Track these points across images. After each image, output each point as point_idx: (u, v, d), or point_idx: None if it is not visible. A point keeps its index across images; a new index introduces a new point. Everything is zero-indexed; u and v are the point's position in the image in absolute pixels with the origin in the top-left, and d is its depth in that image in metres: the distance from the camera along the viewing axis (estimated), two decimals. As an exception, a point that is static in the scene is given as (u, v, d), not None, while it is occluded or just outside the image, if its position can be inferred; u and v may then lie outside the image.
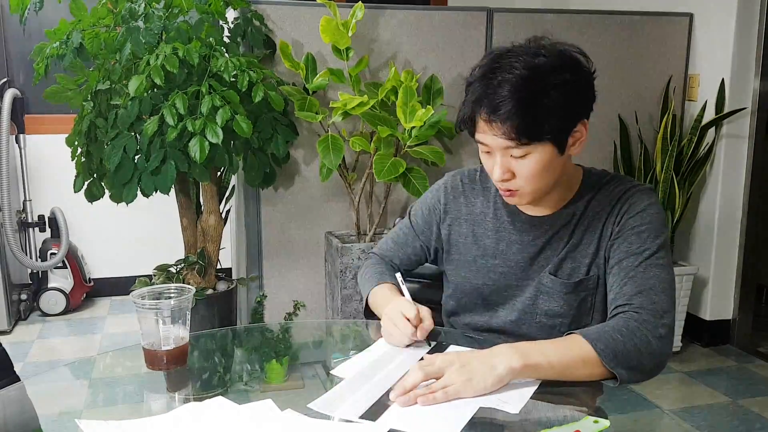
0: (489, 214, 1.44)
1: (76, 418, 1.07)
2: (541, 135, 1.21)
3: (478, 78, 1.24)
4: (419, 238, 1.54)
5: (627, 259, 1.28)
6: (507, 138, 1.20)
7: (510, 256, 1.41)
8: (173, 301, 1.25)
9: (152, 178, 2.54)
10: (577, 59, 1.25)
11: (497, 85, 1.19)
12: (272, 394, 1.15)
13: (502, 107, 1.18)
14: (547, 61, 1.21)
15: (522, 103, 1.18)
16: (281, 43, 2.78)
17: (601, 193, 1.36)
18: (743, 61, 3.21)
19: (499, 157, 1.25)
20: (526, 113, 1.18)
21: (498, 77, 1.20)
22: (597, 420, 1.04)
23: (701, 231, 3.44)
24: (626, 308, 1.23)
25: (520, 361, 1.11)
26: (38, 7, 2.54)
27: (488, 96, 1.20)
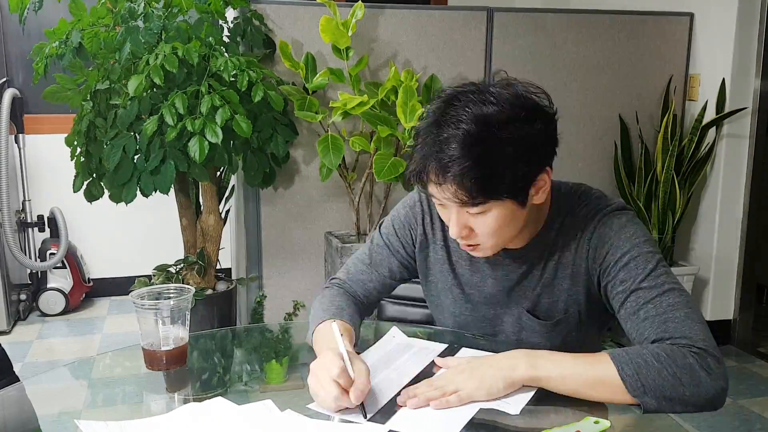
0: None
1: (76, 418, 1.07)
2: (496, 193, 1.11)
3: (425, 129, 1.14)
4: (395, 257, 1.41)
5: (628, 301, 1.16)
6: (458, 199, 1.11)
7: (485, 289, 1.33)
8: (173, 302, 1.24)
9: (152, 177, 2.54)
10: (534, 104, 1.14)
11: (443, 142, 1.09)
12: (272, 395, 1.15)
13: (450, 168, 1.08)
14: (498, 110, 1.10)
15: (472, 163, 1.07)
16: (281, 42, 2.78)
17: (569, 219, 1.25)
18: (743, 61, 3.20)
19: (455, 214, 1.15)
20: (477, 173, 1.08)
21: (444, 132, 1.10)
22: (598, 420, 1.04)
23: (701, 231, 3.44)
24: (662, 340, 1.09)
25: (528, 370, 1.07)
26: (37, 7, 2.53)
27: (435, 154, 1.10)
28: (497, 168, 1.09)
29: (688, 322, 1.09)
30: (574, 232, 1.24)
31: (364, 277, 1.42)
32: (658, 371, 1.04)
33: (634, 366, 1.05)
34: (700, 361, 1.05)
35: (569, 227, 1.25)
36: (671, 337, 1.08)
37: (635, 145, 3.40)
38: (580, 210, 1.25)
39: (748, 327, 3.48)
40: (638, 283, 1.15)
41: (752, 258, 3.40)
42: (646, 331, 1.12)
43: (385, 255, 1.41)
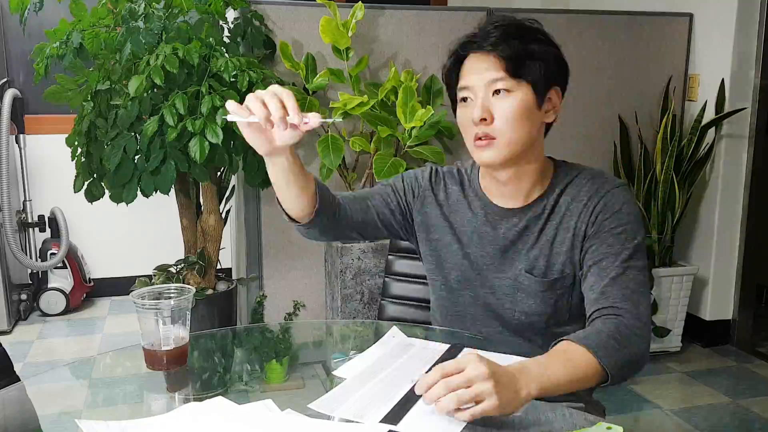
0: (464, 204, 1.43)
1: (76, 418, 1.07)
2: (525, 71, 1.27)
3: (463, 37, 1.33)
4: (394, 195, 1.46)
5: (605, 260, 1.28)
6: (494, 67, 1.26)
7: (483, 246, 1.40)
8: (173, 302, 1.25)
9: (152, 178, 2.54)
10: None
11: (487, 32, 1.28)
12: (272, 394, 1.15)
13: (492, 36, 1.27)
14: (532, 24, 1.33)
15: (512, 37, 1.27)
16: (281, 43, 2.78)
17: (572, 187, 1.36)
18: (743, 61, 3.21)
19: (480, 99, 1.28)
20: (515, 45, 1.26)
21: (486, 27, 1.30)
22: (610, 426, 1.02)
23: (701, 231, 3.44)
24: (610, 311, 1.23)
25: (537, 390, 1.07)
26: (38, 7, 2.54)
27: (477, 34, 1.30)
28: (529, 51, 1.27)
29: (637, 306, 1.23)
30: (581, 197, 1.34)
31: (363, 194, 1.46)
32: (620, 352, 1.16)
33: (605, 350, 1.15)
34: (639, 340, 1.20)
35: (574, 193, 1.35)
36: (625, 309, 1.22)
37: (635, 145, 3.40)
38: (583, 181, 1.36)
39: (748, 327, 3.48)
40: (621, 250, 1.28)
41: (752, 258, 3.41)
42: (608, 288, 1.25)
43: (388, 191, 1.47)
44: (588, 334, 1.18)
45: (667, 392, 2.96)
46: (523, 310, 1.38)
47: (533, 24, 1.34)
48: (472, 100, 1.30)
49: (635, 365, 1.20)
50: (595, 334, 1.18)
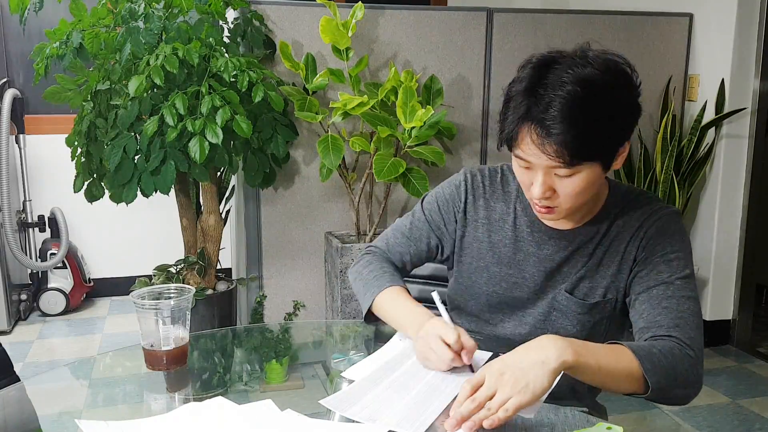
0: (508, 222, 1.36)
1: (76, 418, 1.07)
2: (593, 156, 1.14)
3: (522, 92, 1.15)
4: (434, 233, 1.43)
5: (657, 288, 1.22)
6: (557, 159, 1.12)
7: (526, 268, 1.34)
8: (173, 302, 1.25)
9: (152, 178, 2.54)
10: (627, 73, 1.18)
11: (548, 103, 1.11)
12: (272, 394, 1.15)
13: (554, 128, 1.10)
14: (599, 75, 1.12)
15: (576, 125, 1.09)
16: (281, 43, 2.78)
17: (626, 212, 1.30)
18: (743, 61, 3.21)
19: (542, 176, 1.17)
20: (579, 135, 1.10)
21: (548, 94, 1.11)
22: (610, 426, 1.02)
23: (701, 231, 3.44)
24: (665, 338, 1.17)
25: (573, 356, 1.04)
26: (38, 8, 2.54)
27: (537, 114, 1.11)
28: (598, 131, 1.12)
29: (696, 331, 1.18)
30: (633, 222, 1.28)
31: (402, 249, 1.46)
32: (667, 368, 1.12)
33: (652, 361, 1.11)
34: (692, 367, 1.15)
35: (627, 218, 1.29)
36: (678, 338, 1.16)
37: (634, 145, 3.40)
38: (640, 205, 1.30)
39: (748, 327, 3.48)
40: (673, 279, 1.22)
41: (752, 258, 3.41)
42: (660, 317, 1.19)
43: (425, 230, 1.44)
44: (640, 344, 1.15)
45: (667, 392, 2.96)
46: (557, 331, 1.32)
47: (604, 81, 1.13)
48: (531, 170, 1.19)
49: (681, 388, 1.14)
50: (647, 345, 1.15)
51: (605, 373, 1.08)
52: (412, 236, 1.45)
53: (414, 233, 1.45)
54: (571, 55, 1.16)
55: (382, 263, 1.43)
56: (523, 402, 1.00)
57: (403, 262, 1.46)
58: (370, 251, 1.48)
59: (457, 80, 3.14)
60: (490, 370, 1.04)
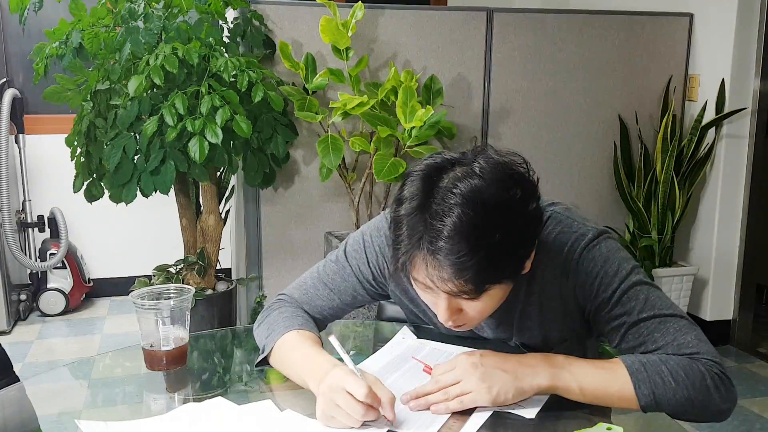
0: None
1: (76, 418, 1.07)
2: (497, 280, 1.02)
3: (409, 214, 1.00)
4: (362, 285, 1.29)
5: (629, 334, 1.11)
6: (459, 293, 1.00)
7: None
8: (173, 302, 1.24)
9: (152, 178, 2.54)
10: (522, 177, 1.02)
11: (437, 232, 0.96)
12: (272, 395, 1.15)
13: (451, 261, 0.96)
14: (488, 188, 0.97)
15: (471, 256, 0.95)
16: (281, 43, 2.78)
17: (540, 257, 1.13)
18: (743, 61, 3.21)
19: (445, 302, 1.04)
20: (478, 266, 0.96)
21: (434, 220, 0.96)
22: (610, 427, 1.02)
23: (701, 231, 3.44)
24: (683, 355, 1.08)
25: (549, 381, 1.02)
26: (38, 7, 2.54)
27: (431, 245, 0.97)
28: (498, 256, 0.98)
29: (702, 344, 1.10)
30: (552, 266, 1.15)
31: (322, 303, 1.30)
32: (674, 392, 1.04)
33: (650, 385, 1.04)
34: (717, 384, 1.06)
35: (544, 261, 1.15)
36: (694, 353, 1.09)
37: (635, 145, 3.40)
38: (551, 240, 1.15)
39: (748, 327, 3.48)
40: (637, 317, 1.10)
41: (752, 258, 3.40)
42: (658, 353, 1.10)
43: (351, 282, 1.29)
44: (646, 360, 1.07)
45: (667, 392, 2.96)
46: None
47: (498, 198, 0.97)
48: (432, 291, 1.03)
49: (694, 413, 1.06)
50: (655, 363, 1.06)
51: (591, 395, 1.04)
52: (336, 288, 1.29)
53: (338, 284, 1.29)
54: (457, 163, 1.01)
55: (293, 308, 1.26)
56: (480, 402, 1.00)
57: (323, 315, 1.31)
58: (279, 300, 1.30)
59: (457, 80, 3.13)
60: (465, 361, 1.04)
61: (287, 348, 1.17)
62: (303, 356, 1.13)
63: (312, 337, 1.19)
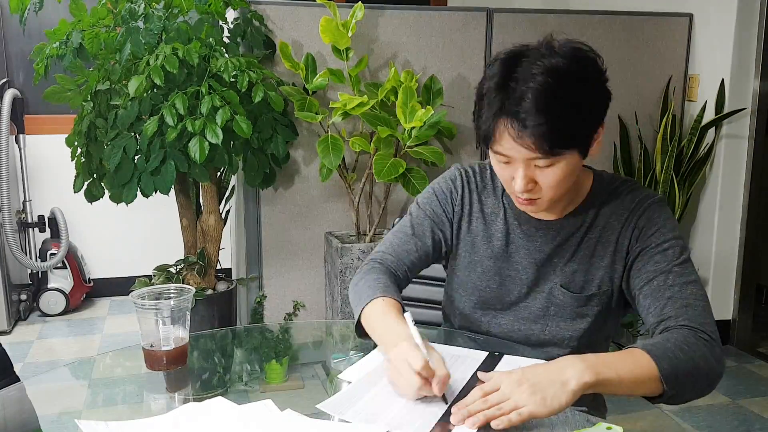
0: (500, 215, 1.37)
1: (76, 418, 1.07)
2: (570, 143, 1.15)
3: (494, 88, 1.15)
4: (437, 226, 1.41)
5: (657, 278, 1.22)
6: (536, 150, 1.13)
7: (518, 259, 1.35)
8: (173, 302, 1.24)
9: (152, 178, 2.54)
10: (593, 59, 1.19)
11: (520, 96, 1.11)
12: (272, 395, 1.15)
13: (529, 120, 1.10)
14: (567, 64, 1.13)
15: (551, 115, 1.10)
16: (281, 43, 2.78)
17: (611, 202, 1.30)
18: (743, 61, 3.21)
19: (523, 168, 1.17)
20: (555, 124, 1.11)
21: (520, 87, 1.12)
22: (610, 426, 1.02)
23: (701, 231, 3.44)
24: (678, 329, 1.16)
25: (593, 376, 1.03)
26: (38, 8, 2.54)
27: (511, 108, 1.12)
28: (573, 119, 1.13)
29: (704, 314, 1.19)
30: (621, 211, 1.29)
31: (408, 247, 1.40)
32: (684, 362, 1.10)
33: (668, 360, 1.09)
34: (710, 351, 1.14)
35: (614, 207, 1.30)
36: (688, 323, 1.16)
37: (634, 145, 3.40)
38: (625, 193, 1.30)
39: (748, 327, 3.48)
40: (671, 267, 1.22)
41: (752, 258, 3.40)
42: (667, 308, 1.19)
43: (428, 225, 1.41)
44: (654, 342, 1.13)
45: (667, 392, 2.96)
46: (553, 327, 1.34)
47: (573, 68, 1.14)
48: (510, 165, 1.19)
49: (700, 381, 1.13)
50: (661, 342, 1.13)
51: (628, 382, 1.07)
52: (416, 233, 1.41)
53: (417, 230, 1.41)
54: (537, 47, 1.16)
55: (379, 274, 1.35)
56: (537, 413, 1.00)
57: (411, 260, 1.40)
58: (371, 261, 1.41)
59: (457, 80, 3.14)
60: (508, 379, 1.04)
61: (370, 317, 1.26)
62: (382, 326, 1.23)
63: (392, 304, 1.26)
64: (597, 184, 1.33)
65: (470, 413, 1.01)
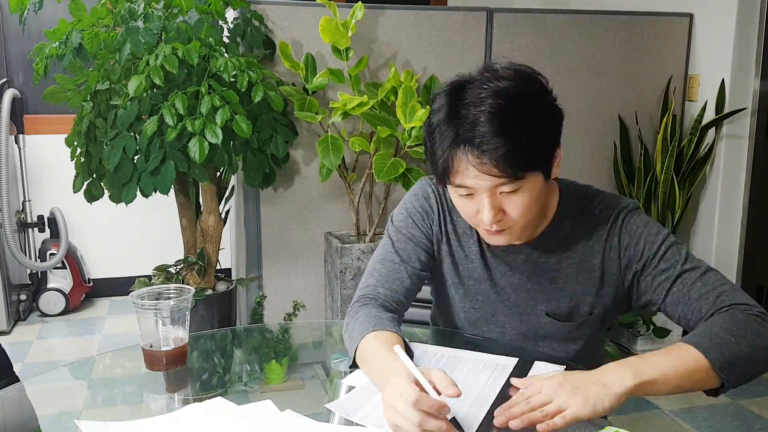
0: (473, 237, 1.33)
1: (76, 418, 1.07)
2: (531, 164, 1.12)
3: (444, 120, 1.12)
4: (420, 248, 1.34)
5: (675, 286, 1.20)
6: (499, 175, 1.09)
7: (497, 281, 1.32)
8: (173, 302, 1.24)
9: (152, 178, 2.54)
10: (538, 79, 1.16)
11: (473, 121, 1.08)
12: (272, 395, 1.15)
13: (486, 144, 1.07)
14: (513, 85, 1.11)
15: (507, 136, 1.07)
16: (281, 43, 2.78)
17: (585, 222, 1.27)
18: (743, 61, 3.21)
19: (487, 198, 1.13)
20: (514, 145, 1.08)
21: (471, 112, 1.09)
22: (618, 430, 1.00)
23: (701, 231, 3.44)
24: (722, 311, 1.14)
25: (634, 379, 1.02)
26: (38, 7, 2.54)
27: (466, 135, 1.08)
28: (529, 139, 1.10)
29: (738, 293, 1.16)
30: (599, 233, 1.26)
31: (399, 275, 1.32)
32: (737, 345, 1.08)
33: (717, 348, 1.07)
34: (762, 323, 1.12)
35: (589, 227, 1.27)
36: (730, 304, 1.14)
37: (635, 145, 3.40)
38: (596, 209, 1.27)
39: (748, 327, 3.48)
40: (681, 268, 1.20)
41: (752, 258, 3.40)
42: (704, 307, 1.16)
43: (411, 249, 1.34)
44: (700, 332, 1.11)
45: (667, 392, 2.95)
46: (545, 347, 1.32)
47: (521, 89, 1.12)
48: (474, 197, 1.15)
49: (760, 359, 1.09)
50: (707, 329, 1.11)
51: (675, 378, 1.05)
52: (403, 260, 1.33)
53: (403, 256, 1.33)
54: (479, 73, 1.14)
55: (370, 309, 1.26)
56: (581, 415, 0.98)
57: (405, 287, 1.32)
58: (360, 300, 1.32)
59: (457, 80, 3.13)
60: (549, 382, 1.03)
61: (364, 356, 1.18)
62: (375, 364, 1.15)
63: (384, 338, 1.18)
64: (565, 199, 1.29)
65: (513, 415, 1.00)
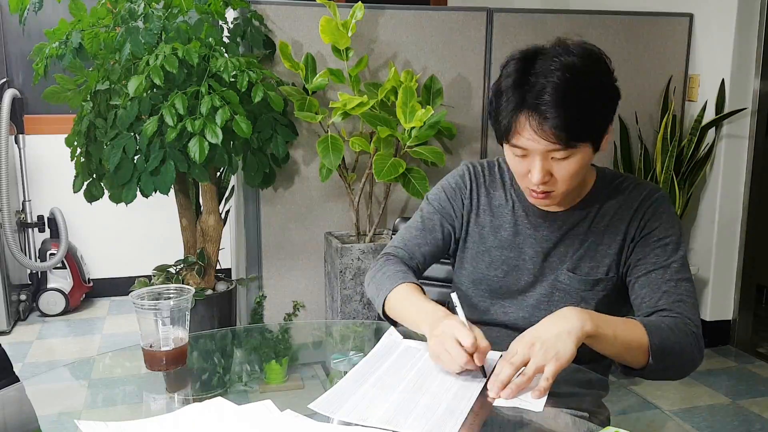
0: (507, 207, 1.45)
1: (76, 418, 1.07)
2: (586, 136, 1.22)
3: (512, 85, 1.22)
4: (446, 220, 1.49)
5: (656, 272, 1.31)
6: (555, 142, 1.20)
7: (525, 249, 1.42)
8: (172, 302, 1.24)
9: (151, 178, 2.54)
10: (604, 60, 1.26)
11: (540, 90, 1.19)
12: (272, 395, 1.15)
13: (550, 112, 1.18)
14: (581, 62, 1.21)
15: (570, 108, 1.18)
16: (281, 43, 2.78)
17: (616, 197, 1.38)
18: (743, 61, 3.21)
19: (540, 160, 1.24)
20: (574, 117, 1.18)
21: (540, 81, 1.19)
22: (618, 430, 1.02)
23: (701, 231, 3.44)
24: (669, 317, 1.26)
25: (593, 328, 1.13)
26: (38, 7, 2.54)
27: (532, 101, 1.19)
28: (588, 113, 1.20)
29: (693, 309, 1.28)
30: (630, 203, 1.36)
31: (419, 241, 1.49)
32: (673, 343, 1.20)
33: (659, 335, 1.20)
34: (695, 342, 1.25)
35: (620, 201, 1.37)
36: (679, 315, 1.25)
37: (635, 145, 3.40)
38: (630, 189, 1.38)
39: (748, 327, 3.48)
40: (669, 262, 1.31)
41: (752, 258, 3.40)
42: (662, 301, 1.28)
43: (437, 219, 1.49)
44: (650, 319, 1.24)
45: (667, 393, 2.96)
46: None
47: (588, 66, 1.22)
48: (527, 158, 1.26)
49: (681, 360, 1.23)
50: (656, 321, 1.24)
51: (621, 344, 1.16)
52: (426, 228, 1.49)
53: (427, 225, 1.49)
54: (551, 46, 1.24)
55: (396, 265, 1.43)
56: (557, 369, 1.08)
57: (422, 253, 1.49)
58: (385, 255, 1.49)
59: (457, 80, 3.13)
60: (522, 341, 1.13)
61: (399, 299, 1.35)
62: (415, 308, 1.31)
63: (417, 289, 1.36)
64: (601, 179, 1.41)
65: (502, 383, 1.09)
